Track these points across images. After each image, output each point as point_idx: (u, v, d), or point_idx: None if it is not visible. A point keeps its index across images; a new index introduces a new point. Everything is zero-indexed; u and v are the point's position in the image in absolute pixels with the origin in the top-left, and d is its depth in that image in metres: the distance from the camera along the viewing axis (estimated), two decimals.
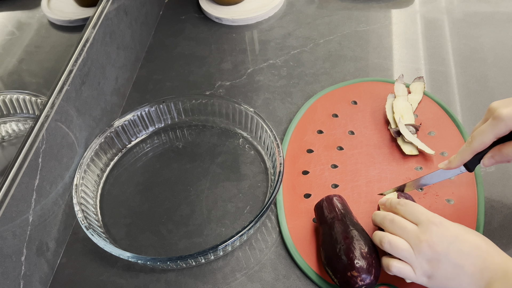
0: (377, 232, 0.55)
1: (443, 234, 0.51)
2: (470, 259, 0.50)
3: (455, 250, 0.51)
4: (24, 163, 0.58)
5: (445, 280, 0.51)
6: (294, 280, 0.60)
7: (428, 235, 0.51)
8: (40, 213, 0.61)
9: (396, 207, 0.56)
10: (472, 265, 0.50)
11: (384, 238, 0.53)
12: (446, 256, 0.50)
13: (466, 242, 0.51)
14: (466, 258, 0.50)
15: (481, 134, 0.54)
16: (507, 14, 0.90)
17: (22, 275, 0.58)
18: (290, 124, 0.76)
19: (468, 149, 0.56)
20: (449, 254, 0.50)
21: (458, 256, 0.50)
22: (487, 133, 0.53)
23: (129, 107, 0.84)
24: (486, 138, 0.53)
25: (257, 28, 0.95)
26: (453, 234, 0.51)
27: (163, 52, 0.93)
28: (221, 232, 0.66)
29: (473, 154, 0.56)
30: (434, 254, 0.51)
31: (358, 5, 0.96)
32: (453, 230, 0.52)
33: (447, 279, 0.51)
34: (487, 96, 0.77)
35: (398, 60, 0.85)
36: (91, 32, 0.73)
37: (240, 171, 0.72)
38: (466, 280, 0.50)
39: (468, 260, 0.50)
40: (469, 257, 0.50)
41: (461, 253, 0.50)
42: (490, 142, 0.54)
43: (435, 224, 0.52)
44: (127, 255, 0.58)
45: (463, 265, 0.50)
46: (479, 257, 0.50)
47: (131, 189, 0.72)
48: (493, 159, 0.55)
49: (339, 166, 0.70)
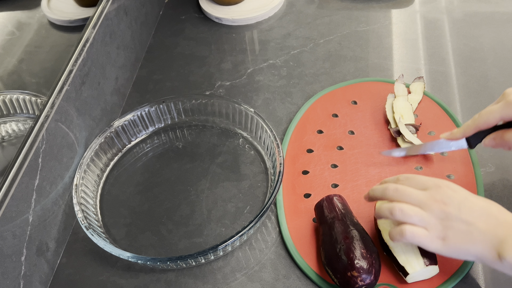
0: (382, 203, 0.54)
1: (453, 195, 0.51)
2: (482, 217, 0.50)
3: (466, 208, 0.50)
4: (24, 163, 0.58)
5: (459, 240, 0.50)
6: (294, 280, 0.60)
7: (438, 197, 0.51)
8: (40, 213, 0.61)
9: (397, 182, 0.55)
10: (484, 223, 0.49)
11: (394, 207, 0.52)
12: (458, 215, 0.50)
13: (477, 202, 0.51)
14: (478, 216, 0.50)
15: (489, 113, 0.55)
16: (507, 14, 0.90)
17: (22, 275, 0.58)
18: (290, 124, 0.76)
19: (472, 124, 0.57)
20: (460, 213, 0.50)
21: (470, 214, 0.50)
22: (495, 113, 0.54)
23: (129, 107, 0.84)
24: (492, 118, 0.54)
25: (257, 28, 0.95)
26: (462, 195, 0.52)
27: (163, 52, 0.93)
28: (221, 232, 0.66)
29: (476, 130, 0.56)
30: (446, 214, 0.50)
31: (358, 5, 0.96)
32: (462, 192, 0.52)
33: (461, 239, 0.50)
34: (487, 96, 0.77)
35: (398, 60, 0.85)
36: (91, 32, 0.73)
37: (240, 171, 0.72)
38: (479, 238, 0.49)
39: (480, 218, 0.50)
40: (481, 215, 0.50)
41: (472, 212, 0.50)
42: (495, 122, 0.54)
43: (443, 186, 0.52)
44: (127, 255, 0.58)
45: (475, 223, 0.49)
46: (490, 215, 0.50)
47: (131, 189, 0.72)
48: (494, 141, 0.56)
49: (339, 166, 0.70)
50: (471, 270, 0.58)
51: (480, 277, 0.58)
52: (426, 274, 0.56)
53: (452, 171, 0.67)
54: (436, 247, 0.51)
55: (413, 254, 0.55)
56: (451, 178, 0.66)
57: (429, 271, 0.55)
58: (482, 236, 0.49)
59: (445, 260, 0.58)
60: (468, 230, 0.50)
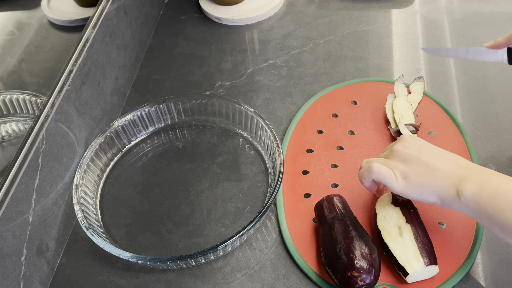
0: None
1: (413, 142, 0.57)
2: (442, 159, 0.54)
3: (426, 151, 0.55)
4: (24, 163, 0.58)
5: (421, 178, 0.53)
6: (294, 280, 0.60)
7: (399, 142, 0.57)
8: (40, 213, 0.61)
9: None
10: (445, 163, 0.53)
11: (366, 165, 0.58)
12: (418, 156, 0.54)
13: (436, 149, 0.56)
14: (438, 157, 0.54)
15: None
16: (507, 14, 0.90)
17: (22, 275, 0.58)
18: (290, 124, 0.76)
19: None
20: (421, 154, 0.54)
21: (430, 156, 0.54)
22: None
23: (129, 107, 0.84)
24: None
25: (257, 28, 0.95)
26: (424, 142, 0.57)
27: (163, 52, 0.93)
28: (221, 232, 0.66)
29: None
30: (407, 155, 0.55)
31: (358, 5, 0.96)
32: (423, 141, 0.57)
33: (422, 176, 0.53)
34: (487, 96, 0.77)
35: (398, 60, 0.85)
36: (91, 32, 0.73)
37: (240, 171, 0.72)
38: (440, 175, 0.52)
39: (440, 159, 0.54)
40: (441, 157, 0.54)
41: (433, 154, 0.55)
42: None
43: (407, 137, 0.58)
44: (127, 255, 0.58)
45: (436, 163, 0.53)
46: (450, 159, 0.54)
47: (131, 189, 0.72)
48: None
49: (339, 166, 0.70)
50: (471, 270, 0.58)
51: (480, 277, 0.58)
52: (426, 274, 0.56)
53: None
54: (399, 186, 0.54)
55: (413, 254, 0.55)
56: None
57: (429, 271, 0.55)
58: (443, 174, 0.52)
59: (445, 260, 0.58)
60: (429, 169, 0.53)
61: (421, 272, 0.55)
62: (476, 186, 0.49)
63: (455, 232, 0.61)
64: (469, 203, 0.50)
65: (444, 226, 0.62)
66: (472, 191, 0.49)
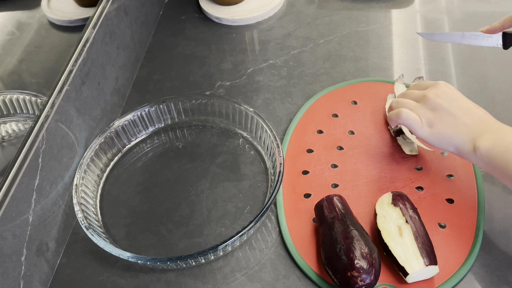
0: None
1: (447, 91, 0.59)
2: (469, 114, 0.57)
3: (456, 104, 0.58)
4: (24, 163, 0.58)
5: (444, 129, 0.57)
6: (294, 280, 0.60)
7: (434, 89, 0.59)
8: (40, 213, 0.61)
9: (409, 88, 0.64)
10: (470, 118, 0.57)
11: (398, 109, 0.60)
12: (448, 108, 0.57)
13: (467, 102, 0.58)
14: (466, 112, 0.57)
15: None
16: (507, 14, 0.90)
17: (22, 275, 0.58)
18: (290, 124, 0.76)
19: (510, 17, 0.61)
20: (451, 106, 0.57)
21: (459, 109, 0.57)
22: None
23: (129, 107, 0.84)
24: None
25: (257, 28, 0.95)
26: (456, 93, 0.59)
27: (163, 52, 0.93)
28: (221, 232, 0.66)
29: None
30: (437, 105, 0.58)
31: (358, 5, 0.96)
32: (456, 92, 0.59)
33: (446, 127, 0.57)
34: (487, 96, 0.77)
35: (398, 60, 0.85)
36: (91, 32, 0.73)
37: (240, 171, 0.72)
38: (462, 130, 0.56)
39: (467, 114, 0.57)
40: (468, 112, 0.57)
41: (461, 108, 0.57)
42: None
43: (441, 84, 0.59)
44: (127, 255, 0.58)
45: (462, 117, 0.57)
46: (476, 114, 0.57)
47: (131, 189, 0.72)
48: None
49: (339, 166, 0.70)
50: (471, 270, 0.58)
51: (480, 277, 0.58)
52: (426, 274, 0.56)
53: (452, 171, 0.67)
54: (423, 133, 0.59)
55: (413, 254, 0.55)
56: (451, 178, 0.66)
57: (429, 271, 0.55)
58: (465, 128, 0.56)
59: (445, 260, 0.58)
60: (454, 122, 0.57)
61: (421, 272, 0.55)
62: (490, 142, 0.53)
63: (455, 232, 0.61)
64: (483, 158, 0.54)
65: (444, 226, 0.62)
66: (487, 146, 0.53)
